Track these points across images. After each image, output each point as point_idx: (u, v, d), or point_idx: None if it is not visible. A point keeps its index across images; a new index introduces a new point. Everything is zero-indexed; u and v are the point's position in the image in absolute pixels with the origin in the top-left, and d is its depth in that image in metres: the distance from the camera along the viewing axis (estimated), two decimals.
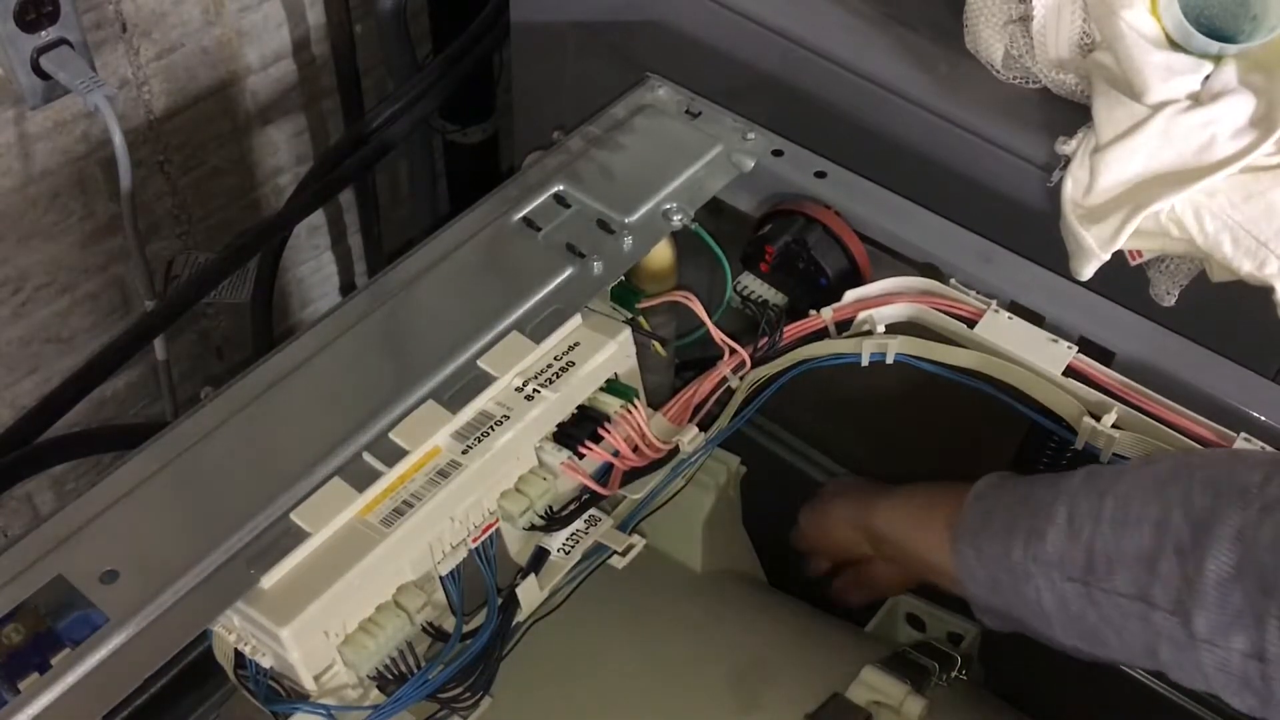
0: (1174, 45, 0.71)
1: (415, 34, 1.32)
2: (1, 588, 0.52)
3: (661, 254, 0.75)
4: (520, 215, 0.71)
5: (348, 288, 1.49)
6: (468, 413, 0.61)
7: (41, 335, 1.17)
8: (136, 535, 0.55)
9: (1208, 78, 0.70)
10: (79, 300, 1.18)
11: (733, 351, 0.69)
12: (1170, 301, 0.72)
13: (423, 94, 1.19)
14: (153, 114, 1.13)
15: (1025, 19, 0.75)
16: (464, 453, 0.60)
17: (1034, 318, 0.68)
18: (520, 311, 0.66)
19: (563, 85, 1.03)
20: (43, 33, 0.93)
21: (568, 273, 0.68)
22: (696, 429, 0.68)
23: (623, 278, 0.70)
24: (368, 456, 0.59)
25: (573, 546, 0.64)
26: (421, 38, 1.33)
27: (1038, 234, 0.74)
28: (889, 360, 0.69)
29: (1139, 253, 0.71)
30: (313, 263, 1.42)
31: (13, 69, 0.94)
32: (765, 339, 0.70)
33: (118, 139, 0.96)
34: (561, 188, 0.73)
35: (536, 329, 0.65)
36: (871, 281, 0.74)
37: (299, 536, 0.55)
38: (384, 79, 1.31)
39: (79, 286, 1.16)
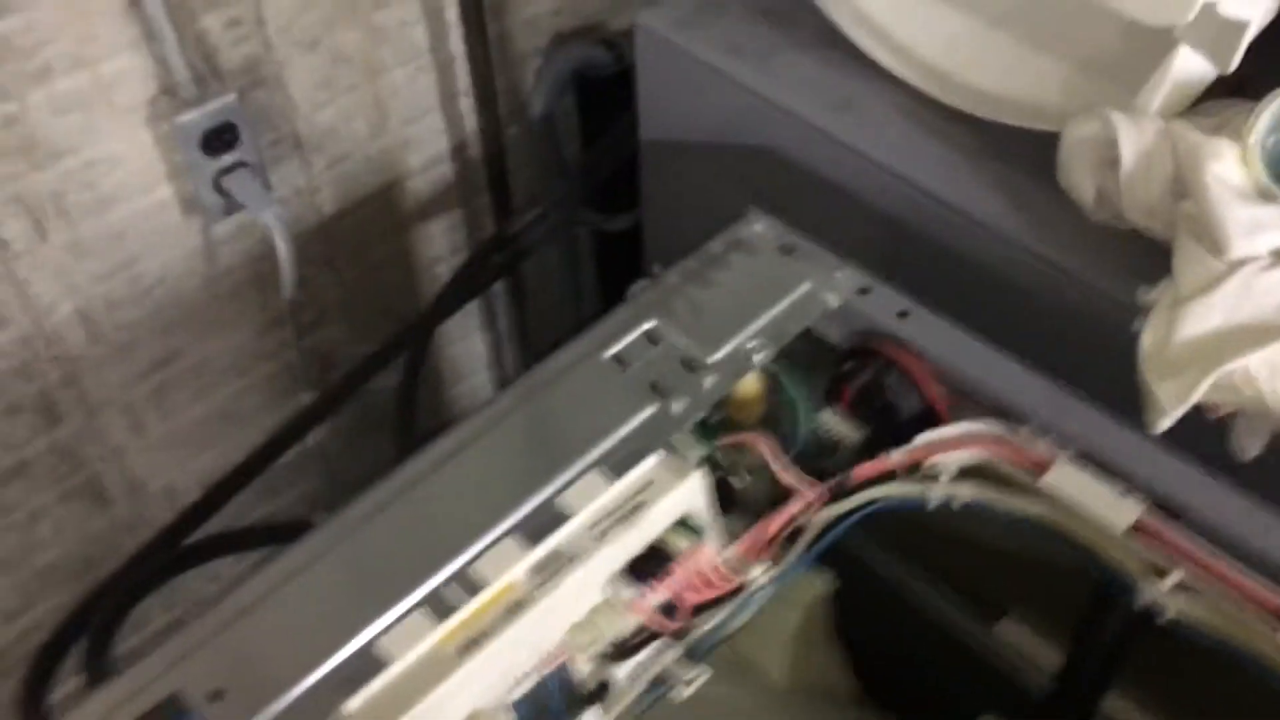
0: (1265, 196, 0.70)
1: (568, 128, 1.40)
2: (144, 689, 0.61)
3: (749, 384, 0.79)
4: (612, 353, 0.77)
5: (495, 365, 1.58)
6: (542, 550, 0.67)
7: (219, 414, 1.29)
8: (246, 655, 0.63)
9: None
10: (254, 382, 1.30)
11: (802, 491, 0.73)
12: (1250, 456, 0.71)
13: (563, 198, 1.27)
14: (323, 216, 1.24)
15: (1116, 162, 0.75)
16: (537, 588, 0.65)
17: (1105, 470, 0.69)
18: (601, 450, 0.71)
19: (687, 198, 1.09)
20: (224, 156, 1.05)
21: (649, 411, 0.73)
22: (765, 564, 0.72)
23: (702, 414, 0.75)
24: (451, 588, 0.65)
25: (639, 675, 0.69)
26: (574, 132, 1.41)
27: (1124, 375, 0.74)
28: (954, 506, 0.71)
29: (1218, 405, 0.70)
30: (465, 342, 1.51)
31: (198, 188, 1.07)
32: (836, 479, 0.73)
33: (282, 252, 1.07)
34: (653, 324, 0.78)
35: (614, 467, 0.70)
36: (949, 421, 0.76)
37: (382, 664, 0.62)
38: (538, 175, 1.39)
39: (254, 370, 1.29)
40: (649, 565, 0.69)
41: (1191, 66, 0.72)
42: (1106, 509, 0.67)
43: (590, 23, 1.35)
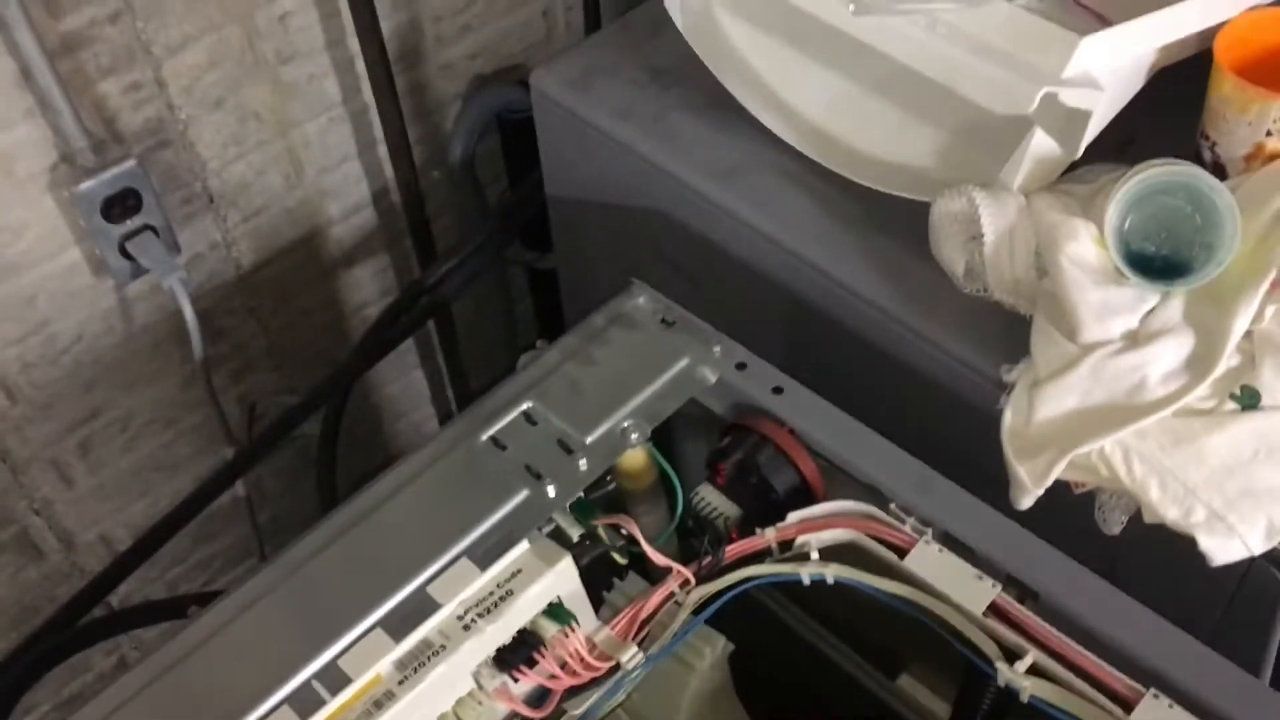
0: (1119, 278, 0.71)
1: (494, 169, 1.40)
2: None
3: (635, 456, 0.80)
4: (489, 434, 0.77)
5: (439, 399, 1.59)
6: (409, 641, 0.68)
7: (150, 464, 1.30)
8: None
9: (1152, 310, 0.70)
10: (182, 432, 1.30)
11: (675, 571, 0.73)
12: (1116, 530, 0.72)
13: (486, 240, 1.27)
14: (242, 269, 1.24)
15: (981, 237, 0.76)
16: (400, 683, 0.66)
17: (965, 550, 0.70)
18: (474, 536, 0.72)
19: (594, 247, 1.09)
20: (127, 222, 1.05)
21: (523, 495, 0.74)
22: (637, 647, 0.72)
23: (581, 495, 0.76)
24: (316, 684, 0.66)
25: None
26: (500, 172, 1.42)
27: (996, 448, 0.75)
28: (829, 582, 0.72)
29: (1080, 483, 0.71)
30: (403, 380, 1.52)
31: (104, 253, 1.07)
32: (709, 558, 0.74)
33: (189, 316, 1.08)
34: (530, 405, 0.79)
35: (485, 555, 0.71)
36: (823, 497, 0.77)
37: None
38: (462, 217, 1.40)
39: (182, 420, 1.29)
40: (518, 652, 0.70)
41: (1049, 145, 0.73)
42: (964, 592, 0.68)
43: (509, 64, 1.36)
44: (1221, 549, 0.65)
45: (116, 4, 1.00)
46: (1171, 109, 0.79)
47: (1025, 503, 0.71)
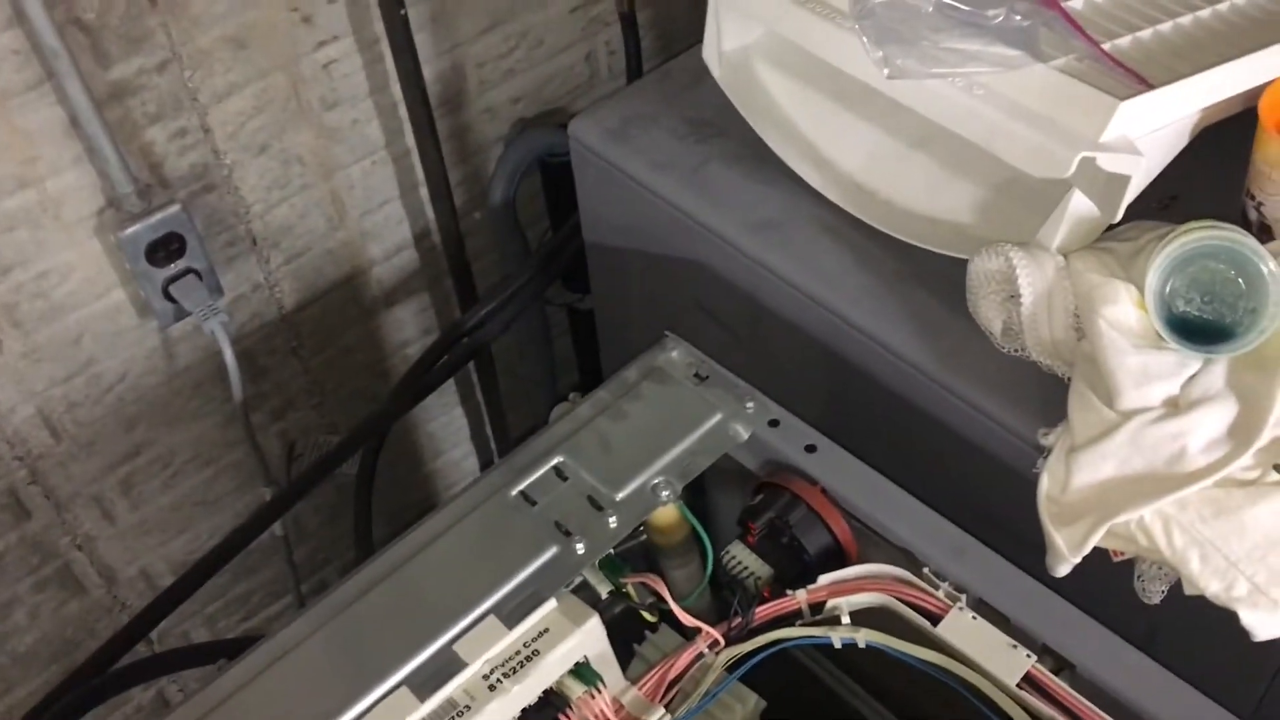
0: (1160, 343, 0.70)
1: (535, 211, 1.41)
2: None
3: (667, 512, 0.79)
4: (519, 489, 0.77)
5: (478, 437, 1.59)
6: (434, 701, 0.67)
7: (190, 501, 1.31)
8: None
9: (1194, 377, 0.69)
10: (222, 469, 1.32)
11: (704, 632, 0.73)
12: (1155, 601, 0.70)
13: (527, 282, 1.27)
14: (284, 309, 1.26)
15: (1019, 297, 0.75)
16: None
17: (999, 619, 0.69)
18: (502, 593, 0.72)
19: (631, 293, 1.09)
20: (170, 265, 1.07)
21: (552, 553, 0.73)
22: (664, 710, 0.72)
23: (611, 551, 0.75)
24: None
25: None
26: (542, 214, 1.42)
27: (1032, 510, 0.74)
28: (860, 646, 0.71)
29: (1119, 552, 0.69)
30: (442, 418, 1.53)
31: (148, 296, 1.09)
32: (739, 619, 0.73)
33: (229, 357, 1.09)
34: (561, 459, 0.78)
35: (512, 613, 0.70)
36: (855, 558, 0.76)
37: None
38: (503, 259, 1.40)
39: (222, 458, 1.31)
40: (544, 713, 0.70)
41: (1088, 207, 0.72)
42: (998, 661, 0.66)
43: (551, 108, 1.36)
44: (1265, 624, 0.63)
45: (164, 53, 1.02)
46: (1215, 164, 0.77)
47: (1062, 570, 0.69)
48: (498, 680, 0.68)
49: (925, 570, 0.71)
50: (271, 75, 1.10)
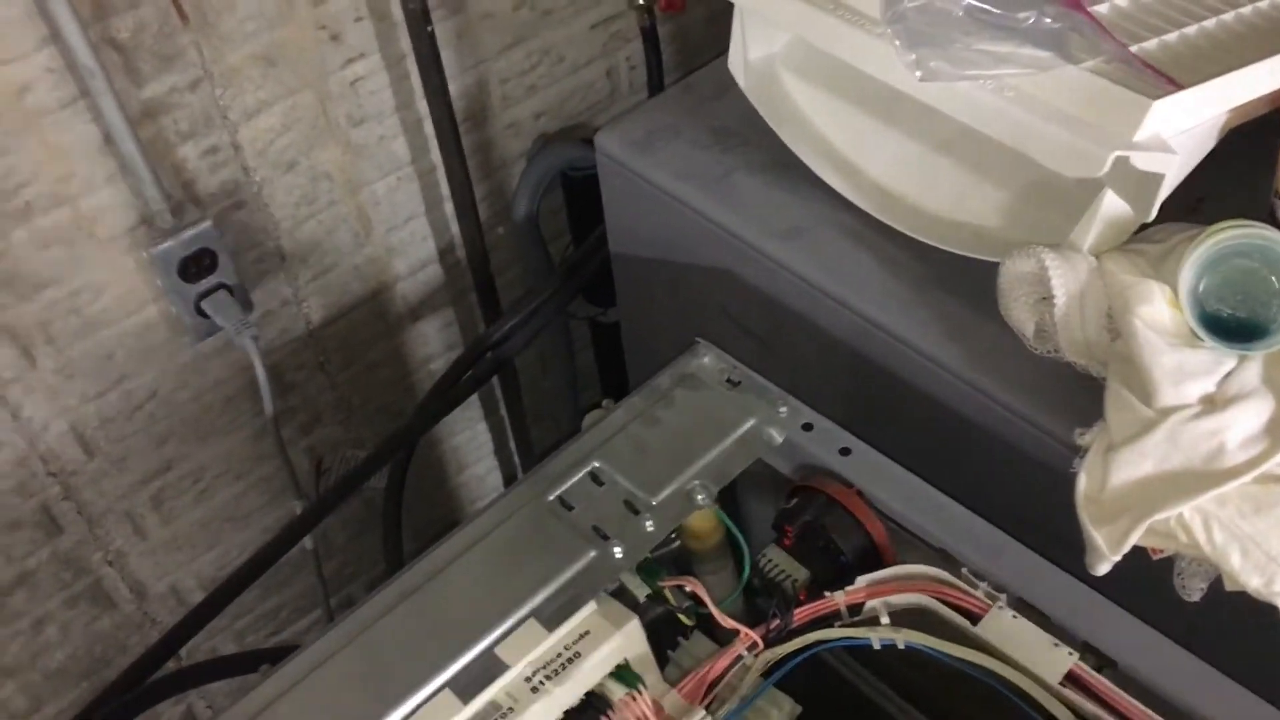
0: (1194, 341, 0.70)
1: (558, 225, 1.42)
2: None
3: (702, 516, 0.80)
4: (556, 495, 0.78)
5: (502, 452, 1.60)
6: (477, 703, 0.68)
7: (220, 516, 1.32)
8: None
9: (1229, 374, 0.69)
10: (252, 484, 1.33)
11: (743, 634, 0.73)
12: (1196, 597, 0.70)
13: (550, 296, 1.28)
14: (311, 324, 1.27)
15: (1052, 298, 0.75)
16: None
17: (1040, 617, 0.69)
18: (541, 597, 0.72)
19: (657, 304, 1.10)
20: (202, 281, 1.08)
21: (590, 556, 0.74)
22: (705, 711, 0.72)
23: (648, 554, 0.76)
24: None
25: None
26: (564, 228, 1.43)
27: (1070, 510, 0.74)
28: (900, 647, 0.71)
29: (1158, 549, 0.69)
30: (467, 432, 1.53)
31: (179, 311, 1.10)
32: (777, 621, 0.73)
33: (260, 373, 1.10)
34: (597, 465, 0.79)
35: (553, 616, 0.71)
36: (892, 560, 0.76)
37: None
38: (526, 273, 1.41)
39: (252, 473, 1.32)
40: (585, 714, 0.70)
41: (1120, 207, 0.72)
42: (1040, 660, 0.66)
43: (573, 123, 1.38)
44: None
45: (196, 72, 1.03)
46: (1243, 165, 0.78)
47: (1102, 569, 0.69)
48: (540, 682, 0.68)
49: (964, 570, 0.72)
50: (300, 92, 1.11)
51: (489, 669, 0.69)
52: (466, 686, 0.68)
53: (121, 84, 0.99)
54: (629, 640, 0.71)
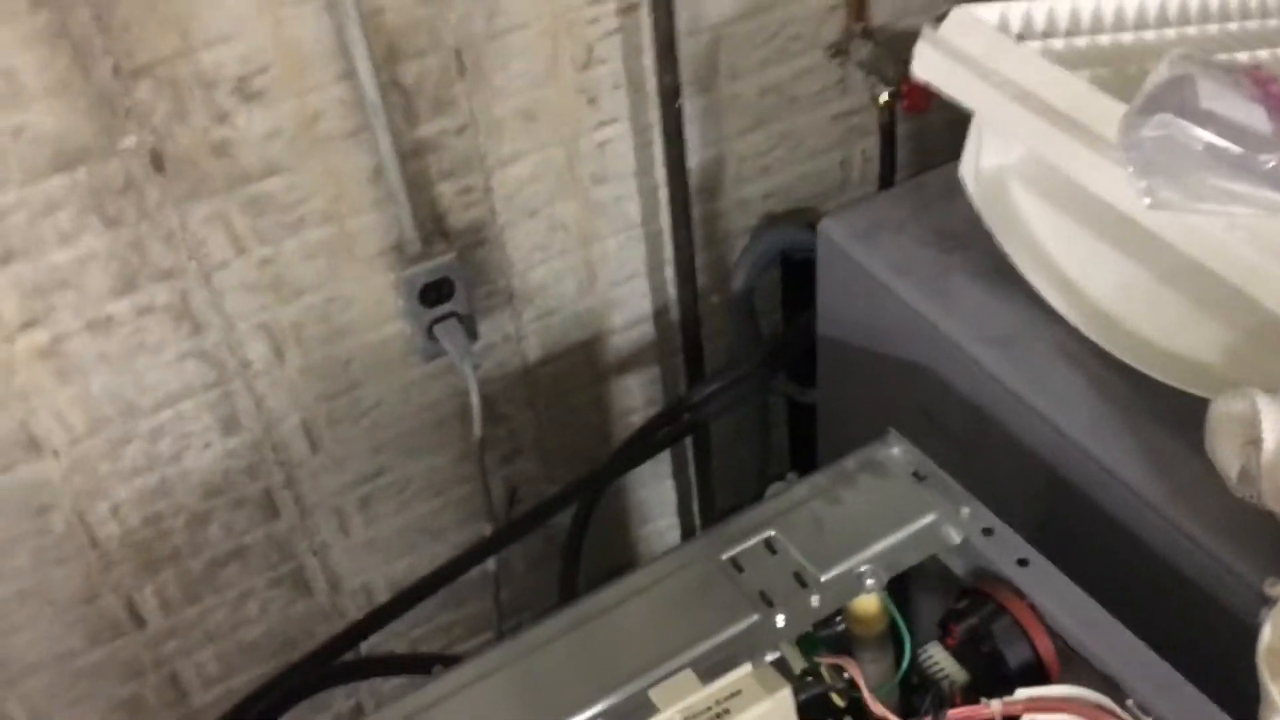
0: None
1: (772, 302, 1.46)
2: None
3: (868, 602, 0.81)
4: (729, 555, 0.81)
5: (684, 512, 1.63)
6: None
7: (417, 526, 1.41)
8: None
9: None
10: (450, 502, 1.41)
11: None
12: None
13: (755, 368, 1.32)
14: (527, 362, 1.35)
15: (1260, 443, 0.74)
16: None
17: None
18: (700, 650, 0.75)
19: (857, 391, 1.12)
20: (438, 308, 1.17)
21: (753, 620, 0.76)
22: None
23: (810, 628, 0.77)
24: None
25: None
26: (777, 306, 1.47)
27: (1248, 662, 0.72)
28: None
29: None
30: (653, 487, 1.58)
31: (414, 332, 1.19)
32: (929, 718, 0.74)
33: (474, 400, 1.18)
34: (773, 534, 0.82)
35: (709, 670, 0.74)
36: (1056, 677, 0.75)
37: None
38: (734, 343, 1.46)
39: (451, 491, 1.40)
40: None
41: None
42: None
43: (799, 206, 1.42)
44: None
45: (464, 118, 1.13)
46: None
47: None
48: None
49: (1129, 702, 0.70)
50: (552, 147, 1.20)
51: (640, 709, 0.72)
52: None
53: (398, 123, 1.10)
54: (779, 707, 0.73)
